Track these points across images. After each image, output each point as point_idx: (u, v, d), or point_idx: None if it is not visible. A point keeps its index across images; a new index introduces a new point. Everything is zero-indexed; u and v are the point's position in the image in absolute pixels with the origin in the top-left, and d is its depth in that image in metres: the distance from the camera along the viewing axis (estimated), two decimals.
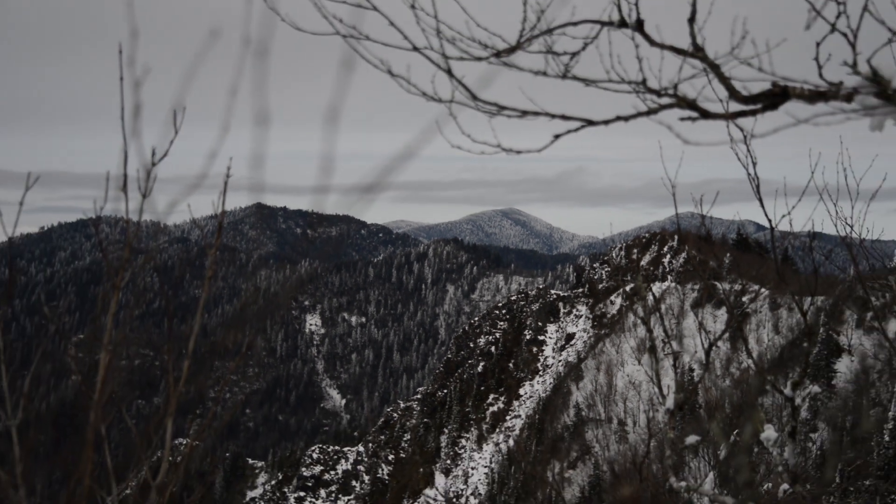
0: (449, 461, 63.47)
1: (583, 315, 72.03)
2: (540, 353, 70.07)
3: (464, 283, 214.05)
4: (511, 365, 70.15)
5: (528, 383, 66.88)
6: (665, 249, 72.78)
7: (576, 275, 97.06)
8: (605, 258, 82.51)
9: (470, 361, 74.30)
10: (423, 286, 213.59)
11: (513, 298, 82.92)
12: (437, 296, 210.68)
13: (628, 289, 65.20)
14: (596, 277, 77.87)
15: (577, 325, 70.93)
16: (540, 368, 68.08)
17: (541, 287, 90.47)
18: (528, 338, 71.76)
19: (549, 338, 71.68)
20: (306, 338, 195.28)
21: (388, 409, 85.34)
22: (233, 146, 1.81)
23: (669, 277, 63.23)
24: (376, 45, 1.81)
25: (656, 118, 1.84)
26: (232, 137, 1.77)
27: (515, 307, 78.56)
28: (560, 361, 66.22)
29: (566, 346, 68.50)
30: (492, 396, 67.85)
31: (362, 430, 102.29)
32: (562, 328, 71.90)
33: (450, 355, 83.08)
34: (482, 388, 68.99)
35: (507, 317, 77.91)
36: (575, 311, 73.58)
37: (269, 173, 1.70)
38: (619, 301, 67.03)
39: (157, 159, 1.83)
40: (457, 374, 73.46)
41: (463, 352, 79.11)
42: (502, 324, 77.40)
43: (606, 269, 77.91)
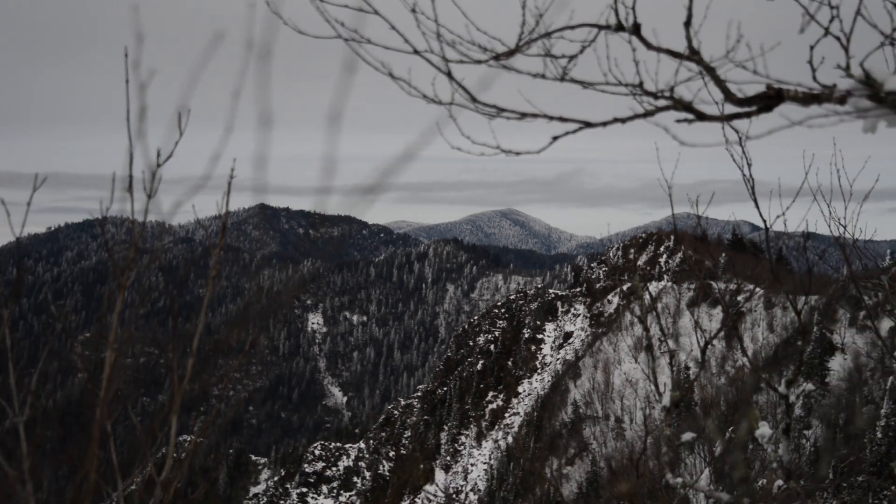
0: (449, 458, 63.48)
1: (580, 314, 72.08)
2: (538, 352, 70.09)
3: (463, 282, 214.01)
4: (510, 363, 70.15)
5: (526, 381, 66.91)
6: (661, 249, 72.82)
7: (574, 274, 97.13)
8: (603, 258, 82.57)
9: (469, 360, 74.30)
10: (424, 285, 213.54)
11: (512, 298, 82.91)
12: (438, 295, 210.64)
13: (625, 288, 65.22)
14: (593, 277, 77.93)
15: (574, 324, 70.96)
16: (538, 367, 68.10)
17: (539, 286, 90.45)
18: (526, 336, 71.77)
19: (548, 336, 71.70)
20: (308, 336, 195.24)
21: (389, 407, 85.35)
22: (236, 147, 1.81)
23: (666, 277, 63.26)
24: (377, 48, 1.81)
25: (653, 120, 1.84)
26: (235, 139, 1.77)
27: (514, 306, 78.56)
28: (558, 360, 66.25)
29: (564, 344, 68.52)
30: (491, 394, 67.87)
31: (363, 427, 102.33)
32: (560, 327, 71.93)
33: (450, 353, 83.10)
34: (481, 386, 69.01)
35: (506, 316, 77.90)
36: (573, 310, 73.62)
37: (272, 174, 1.70)
38: (616, 300, 67.08)
39: (162, 160, 1.83)
40: (456, 372, 73.46)
41: (462, 350, 79.12)
42: (501, 322, 77.40)
43: (604, 269, 77.96)
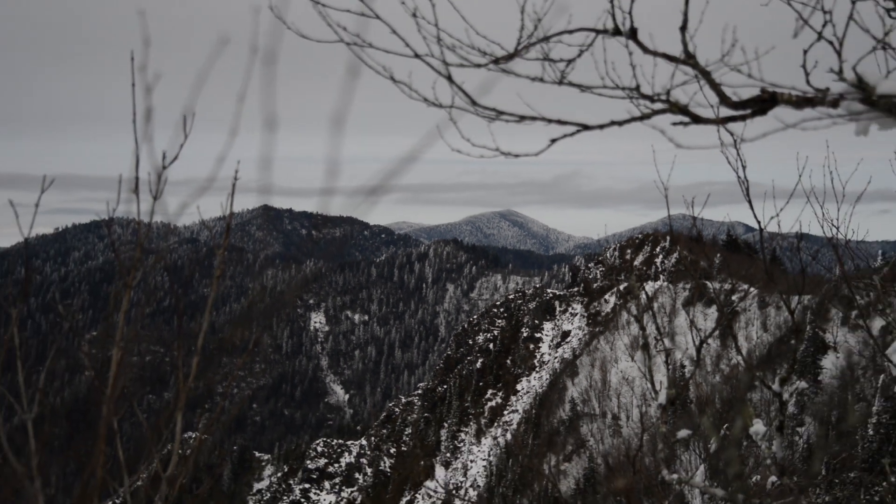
0: (449, 454, 63.46)
1: (578, 313, 72.06)
2: (536, 350, 70.07)
3: (463, 282, 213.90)
4: (509, 361, 70.13)
5: (525, 379, 66.88)
6: (657, 250, 72.79)
7: (571, 274, 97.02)
8: (600, 258, 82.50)
9: (469, 358, 74.27)
10: (424, 285, 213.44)
11: (510, 297, 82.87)
12: (438, 295, 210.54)
13: (622, 288, 65.19)
14: (591, 277, 77.90)
15: (572, 323, 70.94)
16: (536, 365, 68.08)
17: (537, 286, 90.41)
18: (525, 335, 71.76)
19: (546, 335, 71.68)
20: (311, 335, 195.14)
21: (390, 404, 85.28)
22: (241, 150, 1.81)
23: (662, 277, 63.27)
24: (379, 52, 1.81)
25: (649, 123, 1.84)
26: (240, 141, 1.77)
27: (513, 306, 78.53)
28: (556, 358, 66.23)
29: (562, 343, 68.50)
30: (490, 392, 67.84)
31: (365, 425, 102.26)
32: (558, 326, 71.91)
33: (449, 352, 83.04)
34: (481, 384, 68.98)
35: (505, 315, 77.88)
36: (570, 309, 73.60)
37: (275, 176, 1.70)
38: (612, 300, 67.05)
39: (168, 162, 1.83)
40: (456, 371, 73.43)
41: (462, 349, 79.08)
42: (500, 322, 77.38)
43: (601, 269, 77.93)
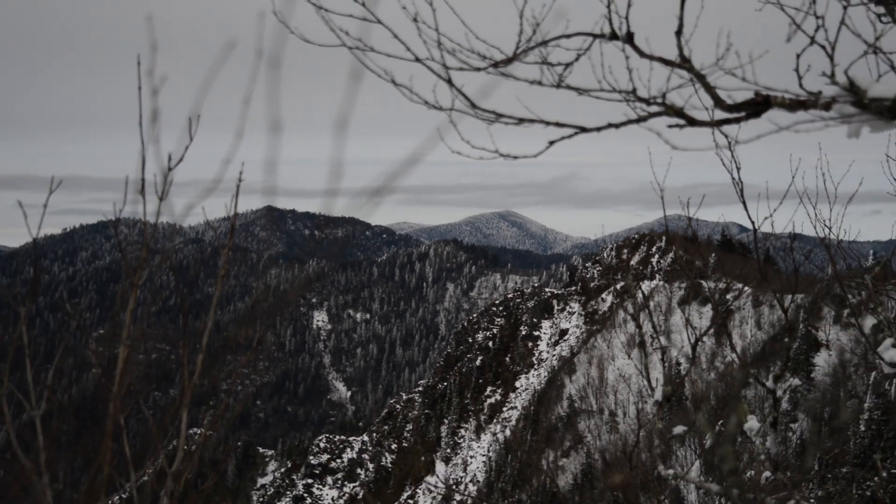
0: (449, 450, 63.45)
1: (576, 312, 72.03)
2: (535, 348, 70.06)
3: (463, 281, 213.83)
4: (508, 359, 70.12)
5: (523, 376, 66.87)
6: (653, 250, 72.78)
7: (569, 274, 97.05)
8: (597, 258, 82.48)
9: (469, 356, 74.26)
10: (425, 284, 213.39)
11: (509, 296, 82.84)
12: (438, 294, 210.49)
13: (619, 287, 65.18)
14: (588, 276, 77.87)
15: (570, 322, 70.92)
16: (535, 362, 68.07)
17: (536, 285, 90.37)
18: (523, 333, 71.74)
19: (544, 333, 71.66)
20: (314, 333, 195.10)
21: (391, 401, 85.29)
22: (246, 152, 1.80)
23: (657, 276, 63.22)
24: (381, 56, 1.81)
25: (646, 125, 1.84)
26: (245, 143, 1.77)
27: (512, 304, 78.51)
28: (554, 356, 66.22)
29: (560, 341, 68.49)
30: (489, 389, 67.83)
31: (367, 421, 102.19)
32: (556, 324, 71.89)
33: (450, 350, 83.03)
34: (480, 381, 68.97)
35: (504, 313, 77.85)
36: (568, 308, 73.58)
37: (279, 177, 1.70)
38: (609, 299, 67.03)
39: (174, 164, 1.83)
40: (456, 368, 73.42)
41: (462, 346, 79.06)
42: (499, 320, 77.35)
43: (598, 269, 77.91)
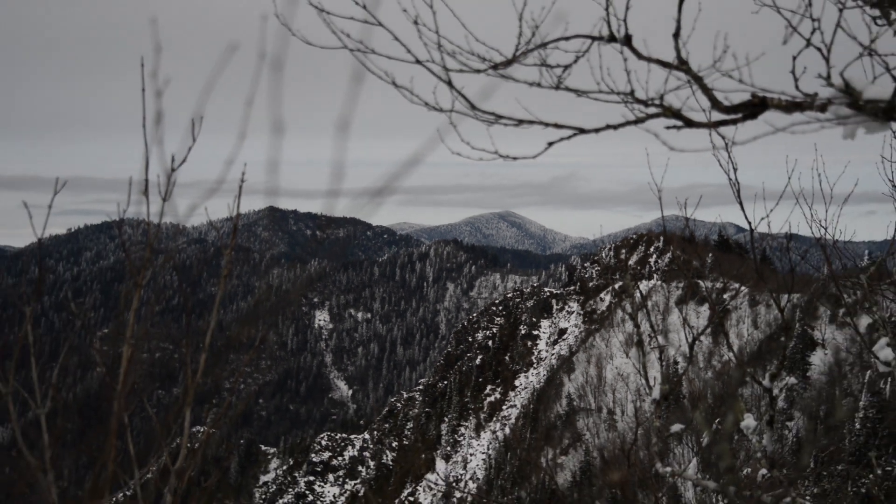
0: (449, 448, 63.43)
1: (574, 311, 72.02)
2: (534, 347, 70.04)
3: (463, 281, 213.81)
4: (507, 358, 70.11)
5: (523, 375, 66.85)
6: (651, 250, 72.78)
7: (568, 274, 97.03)
8: (596, 258, 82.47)
9: (469, 355, 74.25)
10: (425, 284, 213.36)
11: (509, 296, 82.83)
12: (438, 293, 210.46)
13: (617, 287, 65.16)
14: (587, 276, 77.86)
15: (568, 321, 70.90)
16: (534, 361, 68.05)
17: (535, 285, 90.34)
18: (523, 332, 71.73)
19: (543, 333, 71.65)
20: (315, 332, 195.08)
21: (392, 400, 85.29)
22: (249, 153, 1.80)
23: (655, 276, 63.24)
24: (382, 58, 1.81)
25: (644, 127, 1.84)
26: (248, 145, 1.76)
27: (511, 304, 78.49)
28: (553, 355, 66.20)
29: (559, 340, 68.48)
30: (489, 387, 67.82)
31: (368, 419, 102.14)
32: (555, 323, 71.87)
33: (450, 349, 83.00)
34: (480, 380, 68.96)
35: (504, 313, 77.84)
36: (567, 307, 73.57)
37: (281, 178, 1.70)
38: (608, 298, 67.01)
39: (177, 165, 1.83)
40: (456, 367, 73.41)
41: (462, 346, 79.04)
42: (499, 319, 77.34)
43: (596, 269, 77.88)
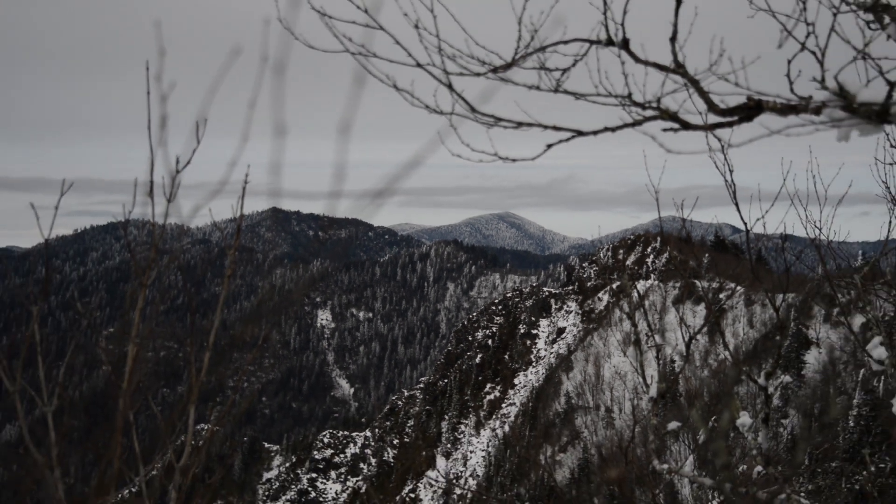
0: (449, 445, 63.42)
1: (573, 311, 72.00)
2: (533, 346, 70.03)
3: (463, 281, 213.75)
4: (506, 357, 70.09)
5: (522, 374, 66.84)
6: (648, 250, 72.75)
7: (566, 274, 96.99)
8: (594, 258, 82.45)
9: (469, 353, 74.23)
10: (426, 284, 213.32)
11: (508, 295, 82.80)
12: (439, 293, 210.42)
13: (615, 286, 65.17)
14: (585, 276, 77.84)
15: (567, 320, 70.88)
16: (533, 360, 68.03)
17: (534, 285, 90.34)
18: (522, 332, 71.71)
19: (542, 332, 71.63)
20: (318, 331, 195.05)
21: (393, 398, 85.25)
22: (252, 155, 1.80)
23: (652, 276, 63.18)
24: (383, 61, 1.81)
25: (641, 129, 1.84)
26: (251, 146, 1.77)
27: (511, 303, 78.47)
28: (552, 353, 66.19)
29: (557, 339, 68.46)
30: (489, 386, 67.81)
31: (369, 417, 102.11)
32: (553, 323, 71.85)
33: (450, 348, 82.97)
34: (480, 378, 68.95)
35: (503, 312, 77.82)
36: (565, 307, 73.54)
37: (284, 180, 1.70)
38: (606, 298, 67.00)
39: (182, 167, 1.83)
40: (456, 365, 73.39)
41: (462, 344, 79.01)
42: (498, 319, 77.33)
43: (594, 269, 77.86)
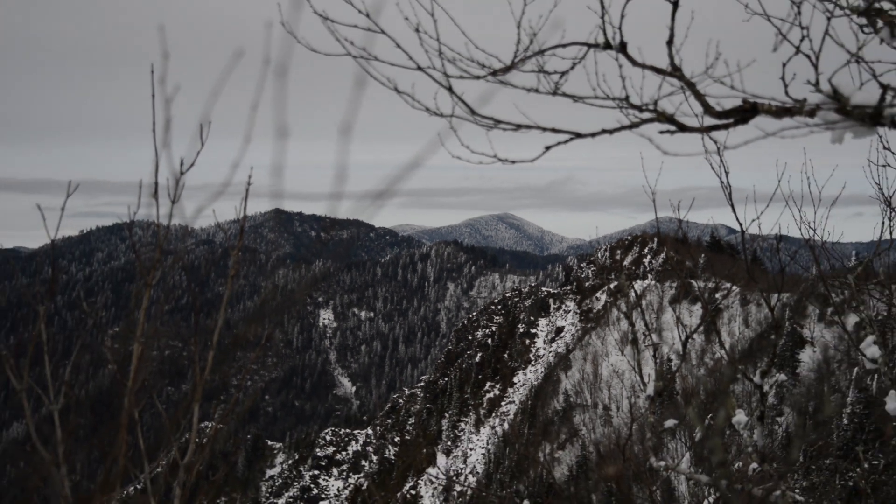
0: (449, 443, 63.41)
1: (571, 310, 71.99)
2: (532, 345, 70.02)
3: (463, 281, 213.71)
4: (506, 355, 70.08)
5: (521, 372, 66.83)
6: (646, 251, 72.76)
7: (565, 274, 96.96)
8: (592, 259, 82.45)
9: (469, 352, 74.22)
10: (426, 284, 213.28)
11: (507, 295, 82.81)
12: (439, 293, 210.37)
13: (612, 286, 65.16)
14: (583, 276, 77.85)
15: (565, 320, 70.87)
16: (532, 359, 68.03)
17: (533, 285, 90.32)
18: (521, 331, 71.70)
19: (541, 331, 71.62)
20: (320, 331, 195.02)
21: (395, 396, 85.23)
22: (254, 156, 1.80)
23: (649, 276, 63.16)
24: (384, 65, 1.81)
25: (638, 131, 1.84)
26: (253, 148, 1.77)
27: (510, 303, 78.48)
28: (550, 352, 66.17)
29: (556, 338, 68.45)
30: (488, 384, 67.79)
31: (371, 415, 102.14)
32: (552, 322, 71.85)
33: (450, 347, 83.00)
34: (480, 377, 68.93)
35: (503, 312, 77.82)
36: (564, 306, 73.54)
37: (286, 181, 1.70)
38: (603, 297, 67.00)
39: (185, 169, 1.83)
40: (456, 364, 73.38)
41: (462, 343, 79.03)
42: (498, 318, 77.32)
43: (592, 269, 77.86)
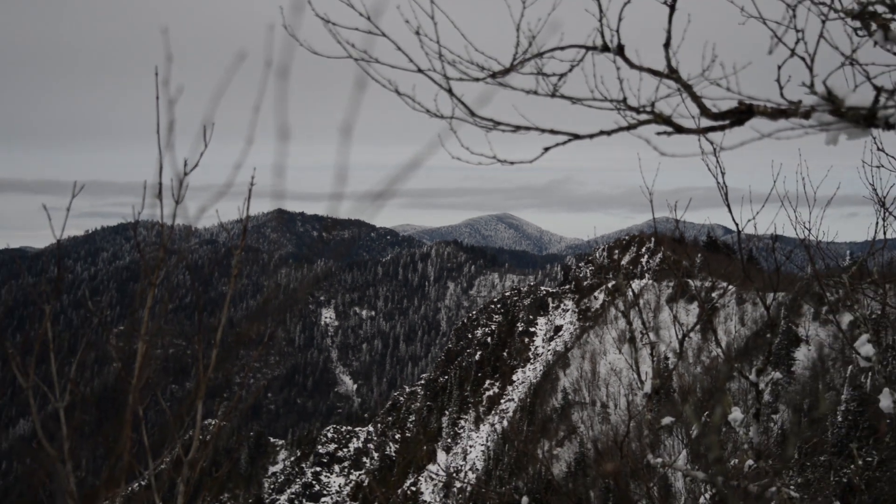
0: (449, 440, 63.42)
1: (569, 309, 72.01)
2: (531, 344, 70.03)
3: (463, 280, 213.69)
4: (505, 354, 70.09)
5: (520, 370, 66.83)
6: (643, 250, 72.75)
7: (563, 273, 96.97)
8: (590, 258, 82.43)
9: (468, 350, 74.23)
10: (427, 283, 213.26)
11: (507, 294, 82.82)
12: (439, 292, 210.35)
13: (610, 286, 65.14)
14: (581, 275, 77.87)
15: (564, 318, 70.89)
16: (531, 357, 68.04)
17: (532, 284, 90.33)
18: (520, 329, 71.71)
19: (540, 329, 71.63)
20: (322, 329, 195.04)
21: (395, 394, 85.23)
22: (256, 157, 1.81)
23: (647, 275, 63.19)
24: (385, 67, 1.81)
25: (636, 133, 1.84)
26: (256, 149, 1.77)
27: (509, 302, 78.49)
28: (549, 351, 66.19)
29: (554, 336, 68.46)
30: (488, 382, 67.80)
31: (372, 412, 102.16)
32: (551, 321, 71.85)
33: (450, 345, 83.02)
34: (479, 375, 68.94)
35: (502, 311, 77.83)
36: (562, 305, 73.55)
37: (289, 182, 1.70)
38: (602, 297, 67.00)
39: (189, 170, 1.83)
40: (456, 362, 73.39)
41: (462, 342, 79.04)
42: (497, 317, 77.33)
43: (591, 268, 77.87)
